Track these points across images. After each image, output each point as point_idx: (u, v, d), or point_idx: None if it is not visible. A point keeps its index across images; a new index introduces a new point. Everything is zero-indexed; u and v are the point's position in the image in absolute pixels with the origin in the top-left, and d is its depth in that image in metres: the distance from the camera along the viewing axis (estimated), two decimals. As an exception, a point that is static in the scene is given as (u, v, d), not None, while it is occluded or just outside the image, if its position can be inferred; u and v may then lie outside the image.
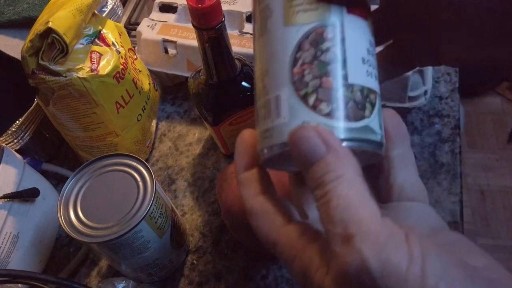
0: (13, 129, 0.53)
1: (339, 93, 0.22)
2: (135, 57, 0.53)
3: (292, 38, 0.23)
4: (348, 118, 0.21)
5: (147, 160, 0.56)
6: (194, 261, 0.46)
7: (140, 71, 0.54)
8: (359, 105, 0.22)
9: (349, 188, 0.19)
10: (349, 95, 0.22)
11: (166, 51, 0.55)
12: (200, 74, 0.46)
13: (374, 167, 0.25)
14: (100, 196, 0.38)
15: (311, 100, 0.22)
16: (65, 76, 0.43)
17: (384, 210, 0.24)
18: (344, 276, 0.18)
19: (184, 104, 0.61)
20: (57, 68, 0.43)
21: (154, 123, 0.57)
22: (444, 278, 0.17)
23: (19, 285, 0.41)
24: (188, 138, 0.57)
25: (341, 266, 0.18)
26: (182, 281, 0.45)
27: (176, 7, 0.57)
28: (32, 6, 0.53)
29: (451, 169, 0.48)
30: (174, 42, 0.54)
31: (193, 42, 0.53)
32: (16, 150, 0.52)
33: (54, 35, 0.41)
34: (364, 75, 0.22)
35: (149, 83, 0.55)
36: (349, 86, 0.22)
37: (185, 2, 0.55)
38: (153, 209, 0.37)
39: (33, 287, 0.38)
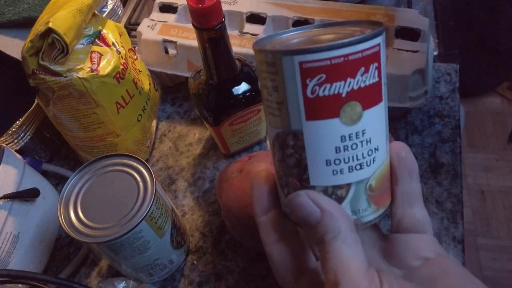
0: (13, 129, 0.53)
1: None
2: (135, 57, 0.53)
3: (271, 136, 0.25)
4: None
5: (147, 160, 0.56)
6: (194, 261, 0.46)
7: (140, 71, 0.54)
8: None
9: (341, 245, 0.22)
10: None
11: (166, 51, 0.55)
12: (200, 74, 0.46)
13: None
14: (100, 196, 0.38)
15: (284, 190, 0.25)
16: (65, 76, 0.43)
17: (385, 242, 0.27)
18: None
19: (184, 104, 0.61)
20: (58, 68, 0.43)
21: (154, 123, 0.57)
22: None
23: (19, 285, 0.41)
24: (188, 138, 0.57)
25: None
26: (182, 281, 0.45)
27: (176, 7, 0.57)
28: (33, 6, 0.53)
29: (451, 169, 0.48)
30: (174, 42, 0.54)
31: (193, 42, 0.53)
32: (16, 150, 0.52)
33: (55, 35, 0.41)
34: (330, 175, 0.23)
35: (149, 83, 0.55)
36: (310, 188, 0.24)
37: (185, 2, 0.55)
38: (153, 209, 0.37)
39: (33, 287, 0.38)
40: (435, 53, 0.58)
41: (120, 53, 0.48)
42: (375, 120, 0.23)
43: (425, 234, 0.26)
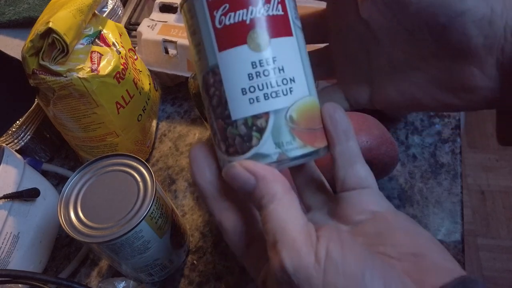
0: (14, 129, 0.53)
1: (227, 132, 0.25)
2: (135, 57, 0.53)
3: (200, 86, 0.26)
4: (238, 152, 0.24)
5: (147, 160, 0.56)
6: (194, 261, 0.46)
7: (141, 71, 0.54)
8: (245, 137, 0.24)
9: (277, 206, 0.23)
10: (234, 131, 0.24)
11: (167, 51, 0.55)
12: (200, 74, 0.46)
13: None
14: (100, 196, 0.38)
15: (216, 140, 0.26)
16: (66, 76, 0.43)
17: (332, 203, 0.28)
18: (274, 274, 0.22)
19: (184, 104, 0.61)
20: (58, 68, 0.43)
21: (154, 123, 0.57)
22: (339, 271, 0.20)
23: (19, 285, 0.41)
24: (189, 138, 0.57)
25: (271, 267, 0.22)
26: (182, 281, 0.45)
27: (176, 7, 0.57)
28: (33, 6, 0.53)
29: (452, 169, 0.48)
30: (175, 42, 0.54)
31: (194, 42, 0.53)
32: (16, 150, 0.52)
33: (55, 35, 0.41)
34: (247, 105, 0.24)
35: (150, 83, 0.55)
36: (233, 123, 0.24)
37: (185, 2, 0.55)
38: (153, 210, 0.37)
39: (33, 287, 0.38)
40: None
41: (120, 53, 0.48)
42: (285, 50, 0.24)
43: (369, 189, 0.26)
